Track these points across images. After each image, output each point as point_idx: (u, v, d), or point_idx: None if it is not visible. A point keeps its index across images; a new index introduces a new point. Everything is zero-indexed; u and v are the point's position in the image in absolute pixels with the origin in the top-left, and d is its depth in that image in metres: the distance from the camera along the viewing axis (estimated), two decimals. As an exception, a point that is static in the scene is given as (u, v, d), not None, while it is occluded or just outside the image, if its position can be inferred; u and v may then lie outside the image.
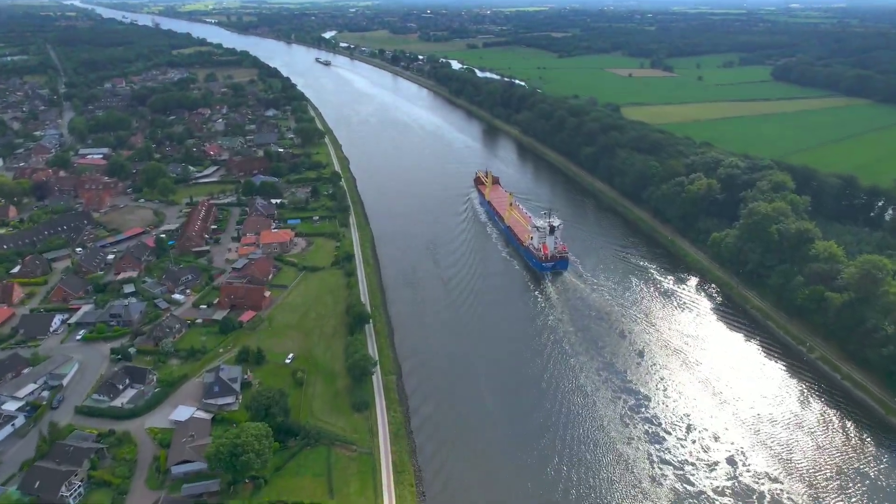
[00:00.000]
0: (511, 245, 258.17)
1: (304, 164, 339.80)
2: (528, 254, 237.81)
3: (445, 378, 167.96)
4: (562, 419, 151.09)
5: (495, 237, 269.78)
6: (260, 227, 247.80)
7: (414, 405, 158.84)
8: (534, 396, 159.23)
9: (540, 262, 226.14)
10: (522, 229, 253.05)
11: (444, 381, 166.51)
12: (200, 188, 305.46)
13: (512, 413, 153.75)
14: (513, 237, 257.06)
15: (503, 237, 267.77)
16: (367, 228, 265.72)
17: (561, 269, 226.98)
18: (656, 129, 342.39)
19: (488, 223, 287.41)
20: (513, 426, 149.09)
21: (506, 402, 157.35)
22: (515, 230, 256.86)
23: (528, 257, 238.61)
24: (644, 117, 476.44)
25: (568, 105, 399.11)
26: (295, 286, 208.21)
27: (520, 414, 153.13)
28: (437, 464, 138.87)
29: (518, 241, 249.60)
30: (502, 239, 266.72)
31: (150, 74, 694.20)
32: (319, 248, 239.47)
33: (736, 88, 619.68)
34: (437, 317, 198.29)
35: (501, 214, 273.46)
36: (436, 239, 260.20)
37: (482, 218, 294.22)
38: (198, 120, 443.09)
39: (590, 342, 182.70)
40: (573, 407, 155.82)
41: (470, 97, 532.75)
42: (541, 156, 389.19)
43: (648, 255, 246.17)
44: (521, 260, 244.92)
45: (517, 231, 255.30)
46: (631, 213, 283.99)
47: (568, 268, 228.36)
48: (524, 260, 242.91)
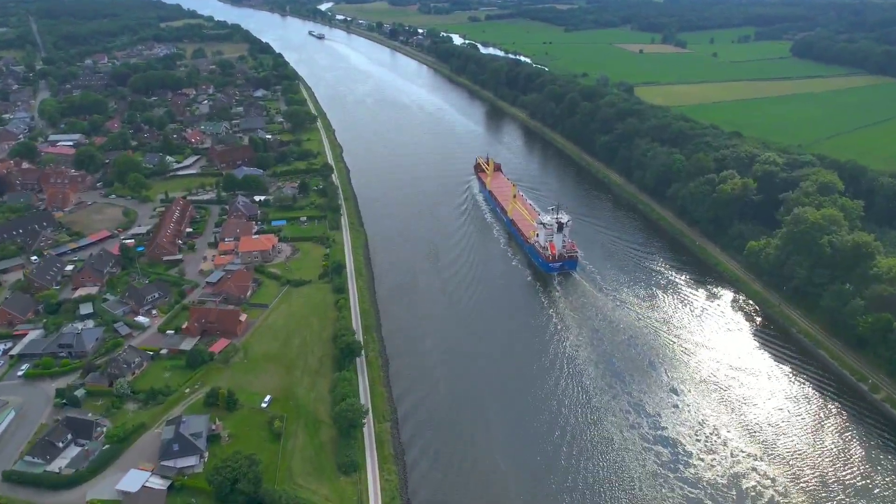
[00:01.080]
0: (514, 240, 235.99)
1: (294, 154, 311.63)
2: (532, 252, 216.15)
3: (446, 419, 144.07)
4: (588, 481, 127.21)
5: (496, 230, 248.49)
6: (240, 230, 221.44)
7: (411, 459, 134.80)
8: (551, 452, 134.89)
9: (546, 262, 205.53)
10: (527, 224, 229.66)
11: (445, 426, 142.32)
12: (178, 182, 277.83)
13: (525, 467, 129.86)
14: (516, 232, 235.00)
15: (505, 231, 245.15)
16: (360, 230, 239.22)
17: (569, 270, 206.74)
18: (678, 115, 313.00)
19: (488, 213, 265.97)
20: (526, 486, 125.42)
21: (518, 455, 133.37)
22: (519, 225, 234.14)
23: (533, 255, 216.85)
24: (659, 99, 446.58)
25: (580, 87, 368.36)
26: (276, 305, 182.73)
27: (537, 471, 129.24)
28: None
29: (522, 237, 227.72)
30: (504, 233, 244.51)
31: (135, 50, 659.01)
32: (306, 255, 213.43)
33: (754, 66, 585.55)
34: (436, 337, 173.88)
35: (504, 206, 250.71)
36: (434, 238, 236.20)
37: (482, 208, 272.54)
38: (181, 102, 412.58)
39: (612, 373, 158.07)
40: (598, 463, 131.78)
41: (473, 75, 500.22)
42: (549, 142, 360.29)
43: (673, 261, 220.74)
44: (525, 257, 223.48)
45: (521, 226, 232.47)
46: (652, 211, 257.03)
47: (577, 268, 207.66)
48: (528, 258, 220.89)
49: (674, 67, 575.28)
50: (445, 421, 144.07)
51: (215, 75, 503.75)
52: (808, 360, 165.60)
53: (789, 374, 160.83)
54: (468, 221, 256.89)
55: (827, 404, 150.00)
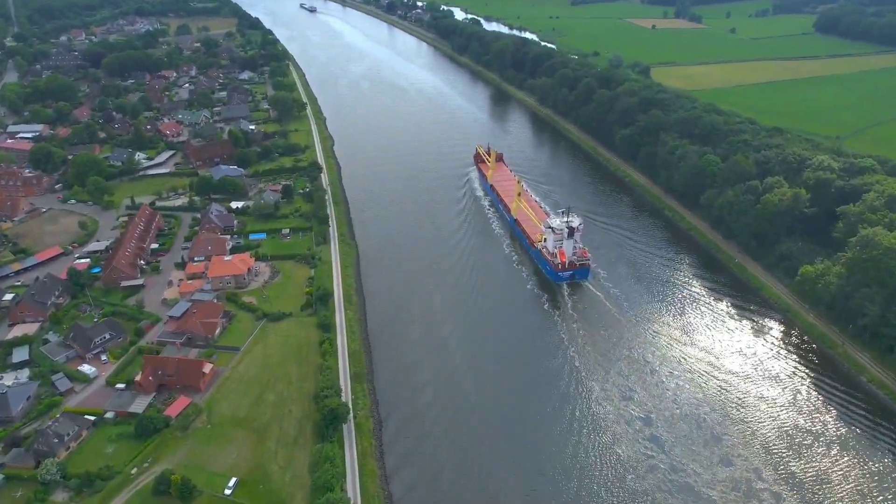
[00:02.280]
0: (518, 242, 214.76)
1: (279, 148, 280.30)
2: (539, 258, 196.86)
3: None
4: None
5: (498, 229, 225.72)
6: (212, 247, 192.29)
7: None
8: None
9: (555, 270, 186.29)
10: (533, 226, 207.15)
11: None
12: (147, 184, 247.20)
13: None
14: (521, 233, 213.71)
15: (508, 230, 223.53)
16: (350, 243, 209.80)
17: (580, 279, 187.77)
18: (707, 105, 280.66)
19: (490, 210, 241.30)
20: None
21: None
22: (524, 226, 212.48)
23: (539, 262, 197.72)
24: (677, 81, 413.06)
25: (595, 70, 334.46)
26: (250, 347, 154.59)
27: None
28: None
29: (528, 240, 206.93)
30: (507, 232, 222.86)
31: (115, 25, 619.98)
32: (288, 278, 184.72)
33: (776, 43, 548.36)
34: (436, 382, 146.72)
35: (507, 203, 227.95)
36: (433, 248, 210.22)
37: (483, 204, 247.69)
38: (159, 86, 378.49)
39: (649, 436, 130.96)
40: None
41: (476, 55, 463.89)
42: (561, 132, 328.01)
43: (705, 279, 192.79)
44: (531, 262, 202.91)
45: (526, 227, 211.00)
46: (681, 219, 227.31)
47: (589, 277, 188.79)
48: (534, 263, 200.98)
49: (690, 45, 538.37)
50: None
51: (199, 55, 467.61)
52: (888, 420, 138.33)
53: (866, 443, 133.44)
54: (468, 223, 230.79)
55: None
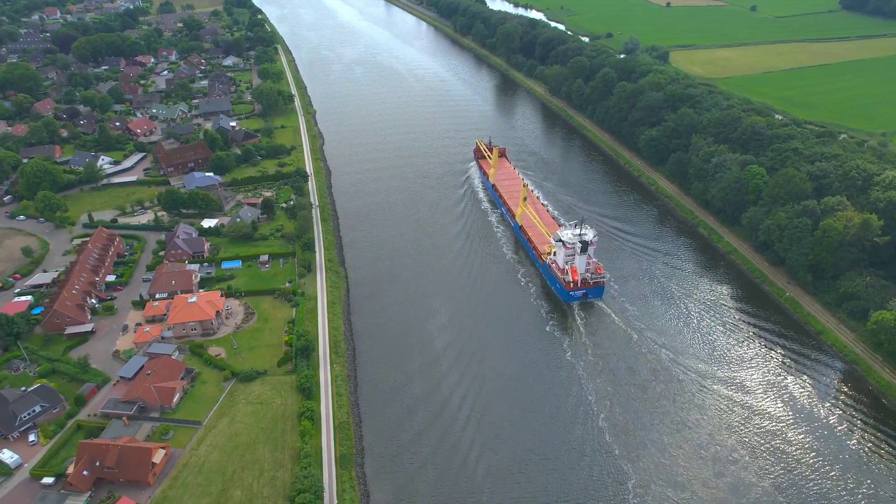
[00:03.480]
0: (523, 250, 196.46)
1: (262, 150, 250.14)
2: (548, 273, 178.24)
3: None
4: None
5: (501, 237, 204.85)
6: (177, 281, 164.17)
7: None
8: None
9: (566, 289, 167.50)
10: (541, 236, 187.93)
11: None
12: (109, 195, 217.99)
13: None
14: (526, 243, 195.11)
15: (512, 238, 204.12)
16: (339, 272, 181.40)
17: (594, 299, 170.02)
18: (743, 100, 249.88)
19: (492, 214, 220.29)
20: None
21: None
22: (530, 234, 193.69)
23: (548, 277, 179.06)
24: (700, 67, 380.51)
25: (614, 59, 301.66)
26: (214, 421, 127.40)
27: None
28: None
29: (535, 252, 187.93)
30: (511, 240, 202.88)
31: (94, 2, 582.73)
32: (265, 321, 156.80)
33: (801, 22, 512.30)
34: (436, 462, 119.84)
35: (511, 207, 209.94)
36: (432, 267, 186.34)
37: (486, 207, 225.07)
38: (133, 74, 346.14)
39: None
40: None
41: (480, 37, 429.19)
42: (576, 128, 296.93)
43: (750, 313, 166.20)
44: (537, 276, 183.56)
45: (533, 237, 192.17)
46: (719, 238, 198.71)
47: (604, 295, 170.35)
48: (542, 279, 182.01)
49: (709, 25, 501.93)
50: None
51: (180, 38, 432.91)
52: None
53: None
54: (468, 234, 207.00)
55: None
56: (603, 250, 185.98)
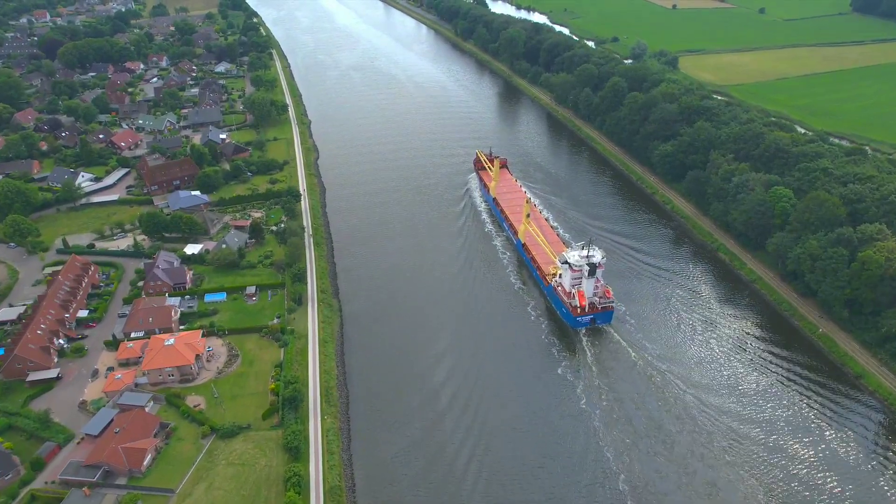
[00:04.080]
0: (527, 270, 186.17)
1: (252, 166, 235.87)
2: (553, 296, 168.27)
3: None
4: None
5: (502, 254, 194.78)
6: (154, 318, 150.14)
7: None
8: None
9: (572, 314, 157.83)
10: (545, 255, 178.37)
11: None
12: (89, 216, 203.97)
13: None
14: (530, 262, 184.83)
15: (515, 256, 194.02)
16: (333, 304, 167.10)
17: (602, 324, 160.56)
18: (763, 113, 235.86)
19: (492, 228, 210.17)
20: None
21: None
22: (534, 253, 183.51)
23: (553, 300, 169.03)
24: (710, 73, 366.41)
25: (623, 67, 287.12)
26: (188, 487, 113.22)
27: None
28: None
29: (539, 272, 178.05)
30: (514, 257, 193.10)
31: (85, 4, 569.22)
32: (250, 364, 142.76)
33: (811, 25, 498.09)
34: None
35: (513, 222, 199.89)
36: (431, 293, 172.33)
37: (484, 221, 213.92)
38: (121, 81, 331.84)
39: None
40: None
41: (482, 42, 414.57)
42: (583, 140, 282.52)
43: (778, 349, 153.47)
44: (542, 298, 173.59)
45: (537, 256, 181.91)
46: (741, 265, 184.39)
47: (612, 320, 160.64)
48: (546, 300, 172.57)
49: (717, 28, 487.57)
50: None
51: (171, 42, 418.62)
52: None
53: None
54: (468, 253, 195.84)
55: None
56: (613, 271, 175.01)
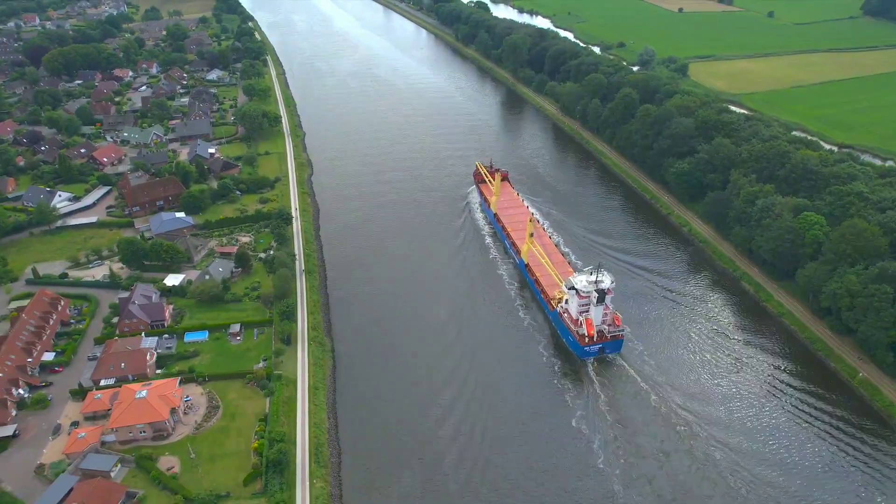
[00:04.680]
0: (530, 291, 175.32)
1: (242, 184, 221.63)
2: (558, 322, 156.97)
3: None
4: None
5: (504, 272, 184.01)
6: (127, 364, 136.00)
7: None
8: None
9: (579, 344, 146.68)
10: (549, 278, 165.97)
11: None
12: (64, 240, 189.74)
13: None
14: (534, 284, 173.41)
15: (518, 276, 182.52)
16: (325, 343, 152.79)
17: (611, 353, 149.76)
18: (786, 129, 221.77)
19: (493, 247, 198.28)
20: None
21: None
22: (538, 275, 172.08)
23: (558, 326, 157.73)
24: (722, 81, 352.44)
25: (635, 77, 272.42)
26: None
27: None
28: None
29: (543, 296, 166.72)
30: (516, 277, 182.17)
31: (77, 7, 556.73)
32: (231, 417, 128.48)
33: (822, 30, 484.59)
34: None
35: (515, 241, 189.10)
36: (429, 335, 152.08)
37: (485, 240, 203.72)
38: (108, 90, 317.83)
39: None
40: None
41: (484, 48, 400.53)
42: (591, 154, 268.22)
43: (818, 397, 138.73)
44: (546, 324, 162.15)
45: (542, 278, 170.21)
46: (768, 297, 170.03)
47: (622, 349, 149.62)
48: (551, 326, 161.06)
49: (726, 33, 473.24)
50: None
51: (162, 48, 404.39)
52: None
53: None
54: (469, 274, 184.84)
55: None
56: (624, 293, 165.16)
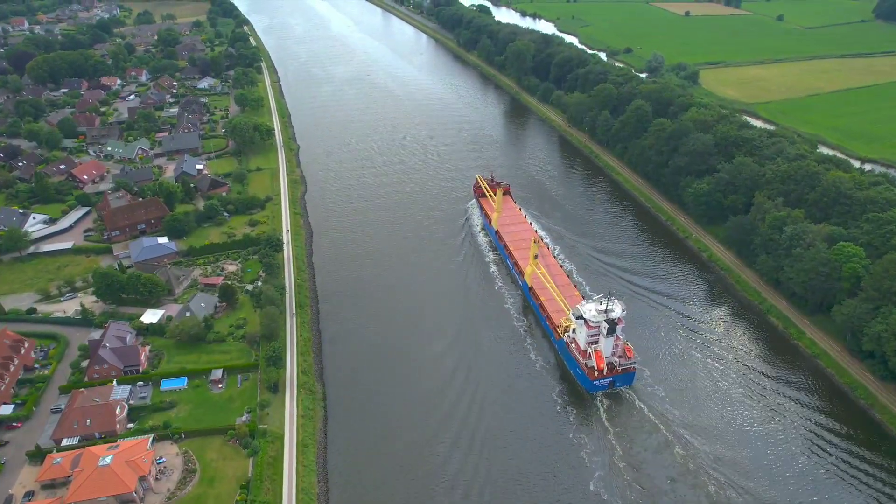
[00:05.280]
0: (532, 313, 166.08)
1: (230, 205, 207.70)
2: (565, 352, 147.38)
3: None
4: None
5: (509, 304, 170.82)
6: (93, 420, 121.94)
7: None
8: None
9: (588, 377, 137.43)
10: (555, 303, 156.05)
11: None
12: (36, 269, 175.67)
13: None
14: (538, 309, 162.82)
15: (521, 299, 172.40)
16: (316, 391, 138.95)
17: (622, 387, 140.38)
18: (804, 142, 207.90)
19: (495, 269, 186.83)
20: None
21: None
22: (543, 299, 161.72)
23: (564, 357, 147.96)
24: (734, 89, 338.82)
25: (645, 86, 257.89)
26: None
27: None
28: None
29: (548, 323, 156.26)
30: (519, 299, 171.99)
31: (68, 11, 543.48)
32: (209, 483, 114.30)
33: (834, 34, 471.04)
34: None
35: (518, 261, 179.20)
36: (429, 379, 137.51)
37: (487, 260, 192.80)
38: (94, 99, 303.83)
39: None
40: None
41: (487, 54, 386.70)
42: (601, 168, 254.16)
43: (863, 455, 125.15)
44: (552, 353, 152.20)
45: (546, 303, 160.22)
46: (799, 334, 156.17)
47: (633, 382, 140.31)
48: (556, 354, 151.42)
49: (734, 37, 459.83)
50: None
51: (153, 55, 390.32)
52: None
53: None
54: (471, 303, 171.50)
55: None
56: (637, 320, 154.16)
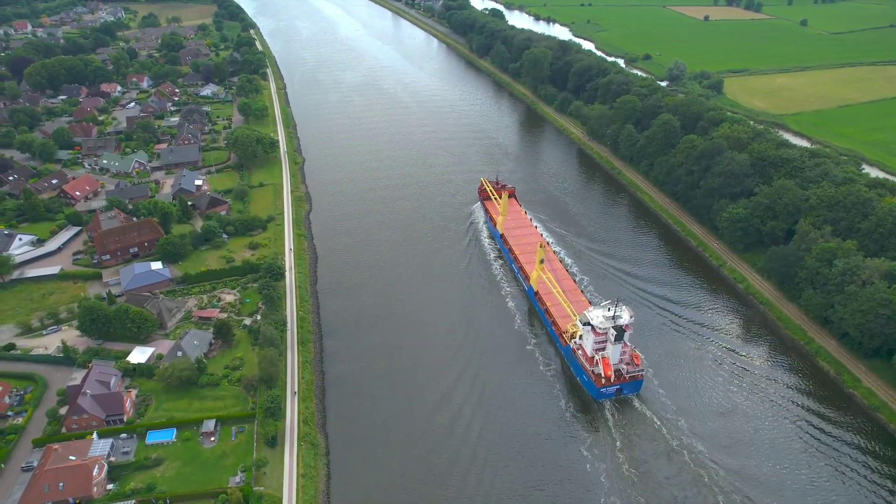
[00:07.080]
0: (537, 317, 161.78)
1: (229, 226, 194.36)
2: (571, 358, 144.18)
3: None
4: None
5: (509, 297, 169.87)
6: (66, 483, 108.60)
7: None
8: None
9: (595, 385, 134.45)
10: (561, 308, 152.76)
11: None
12: (19, 297, 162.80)
13: None
14: (544, 315, 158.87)
15: (526, 303, 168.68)
16: (318, 444, 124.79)
17: (629, 394, 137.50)
18: (851, 163, 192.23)
19: (499, 268, 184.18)
20: None
21: None
22: (549, 304, 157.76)
23: (571, 363, 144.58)
24: (761, 99, 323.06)
25: (671, 99, 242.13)
26: None
27: None
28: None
29: (554, 328, 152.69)
30: (524, 302, 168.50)
31: (72, 13, 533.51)
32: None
33: (862, 40, 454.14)
34: None
35: (524, 266, 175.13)
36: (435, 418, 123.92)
37: (494, 268, 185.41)
38: (92, 108, 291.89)
39: None
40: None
41: (500, 60, 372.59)
42: (624, 186, 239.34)
43: None
44: (557, 359, 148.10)
45: (553, 309, 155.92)
46: (853, 381, 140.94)
47: (642, 389, 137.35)
48: (562, 360, 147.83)
49: (757, 43, 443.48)
50: None
51: (155, 60, 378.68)
52: None
53: None
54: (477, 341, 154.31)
55: None
56: (673, 353, 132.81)
